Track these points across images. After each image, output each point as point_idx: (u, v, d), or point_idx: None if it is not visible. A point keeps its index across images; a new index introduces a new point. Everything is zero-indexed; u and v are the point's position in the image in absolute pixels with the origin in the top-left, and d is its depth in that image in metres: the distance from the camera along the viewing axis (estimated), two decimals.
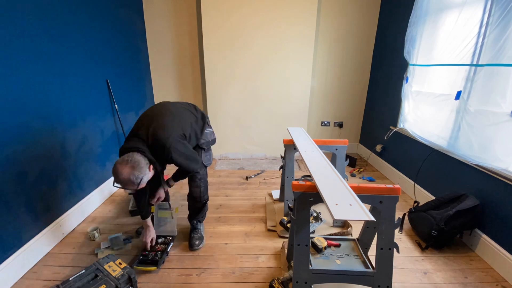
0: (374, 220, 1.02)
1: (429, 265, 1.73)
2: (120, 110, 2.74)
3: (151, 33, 3.35)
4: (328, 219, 2.17)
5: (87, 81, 2.23)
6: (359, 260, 1.42)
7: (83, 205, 2.19)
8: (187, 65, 3.49)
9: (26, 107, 1.65)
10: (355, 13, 3.29)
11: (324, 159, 1.52)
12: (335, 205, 1.03)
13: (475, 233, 1.85)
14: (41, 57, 1.76)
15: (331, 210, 1.00)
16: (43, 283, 1.55)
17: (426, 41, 2.36)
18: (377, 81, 3.37)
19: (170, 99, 3.64)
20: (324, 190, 1.13)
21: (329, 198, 1.08)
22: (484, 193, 1.80)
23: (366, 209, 1.03)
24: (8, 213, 1.54)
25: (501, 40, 1.60)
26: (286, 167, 2.12)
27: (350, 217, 0.97)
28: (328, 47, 3.42)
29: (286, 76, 3.28)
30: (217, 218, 2.23)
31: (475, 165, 1.84)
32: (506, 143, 1.62)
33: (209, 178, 2.99)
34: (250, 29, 3.11)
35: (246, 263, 1.73)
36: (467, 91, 1.88)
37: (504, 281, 1.60)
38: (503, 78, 1.62)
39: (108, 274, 1.41)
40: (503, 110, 1.62)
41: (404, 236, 2.02)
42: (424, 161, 2.36)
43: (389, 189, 1.21)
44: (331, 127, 3.79)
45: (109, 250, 1.81)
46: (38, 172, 1.75)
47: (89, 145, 2.28)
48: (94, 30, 2.31)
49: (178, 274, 1.63)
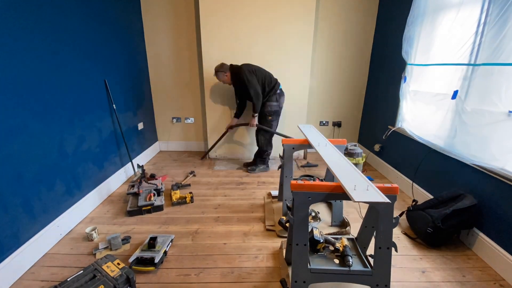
0: (390, 202, 1.12)
1: (427, 264, 1.74)
2: (118, 110, 2.73)
3: (149, 32, 3.35)
4: (327, 218, 2.17)
5: (84, 80, 2.22)
6: (358, 259, 1.42)
7: (81, 206, 2.18)
8: (185, 64, 3.49)
9: (23, 107, 1.64)
10: (353, 13, 3.30)
11: (336, 151, 1.63)
12: (354, 189, 1.12)
13: (473, 232, 1.85)
14: (39, 56, 1.75)
15: (350, 193, 1.09)
16: (41, 284, 1.55)
17: (424, 41, 2.36)
18: (375, 81, 3.38)
19: (169, 98, 3.64)
20: (341, 177, 1.23)
21: (347, 183, 1.17)
22: (481, 192, 1.81)
23: (381, 192, 1.12)
24: (5, 214, 1.53)
25: (498, 39, 1.61)
26: (284, 167, 2.12)
27: (368, 199, 1.07)
28: (326, 47, 3.42)
29: (285, 76, 3.28)
30: (216, 218, 2.23)
31: (473, 164, 1.84)
32: (502, 142, 1.63)
33: (207, 178, 3.00)
34: (249, 29, 3.11)
35: (244, 263, 1.73)
36: (464, 90, 1.89)
37: (502, 279, 1.61)
38: (500, 77, 1.63)
39: (107, 275, 1.41)
40: (499, 109, 1.63)
41: (402, 235, 2.03)
42: (422, 160, 2.37)
43: (387, 188, 1.22)
44: (330, 126, 3.79)
45: (107, 250, 1.81)
46: (35, 172, 1.74)
47: (87, 145, 2.27)
48: (91, 29, 2.30)
49: (177, 274, 1.63)
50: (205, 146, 3.86)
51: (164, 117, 3.75)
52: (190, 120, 3.76)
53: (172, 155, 3.75)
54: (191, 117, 3.75)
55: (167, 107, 3.69)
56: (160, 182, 2.61)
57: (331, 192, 1.24)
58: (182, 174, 3.10)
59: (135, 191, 2.40)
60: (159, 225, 2.12)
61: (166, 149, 3.91)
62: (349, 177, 1.25)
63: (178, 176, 3.05)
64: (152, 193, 2.38)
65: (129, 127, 3.02)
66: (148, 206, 2.26)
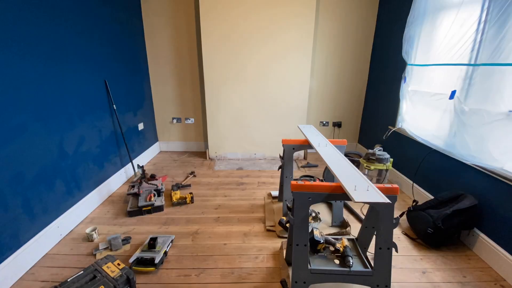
0: (390, 203, 1.12)
1: (427, 264, 1.74)
2: (118, 110, 2.73)
3: (149, 33, 3.35)
4: (327, 219, 2.17)
5: (84, 81, 2.22)
6: (358, 260, 1.42)
7: (81, 206, 2.18)
8: (185, 65, 3.49)
9: (23, 107, 1.64)
10: (353, 13, 3.30)
11: (337, 151, 1.62)
12: (354, 190, 1.12)
13: (473, 232, 1.85)
14: (39, 57, 1.75)
15: (351, 194, 1.08)
16: (41, 285, 1.55)
17: (424, 41, 2.36)
18: (375, 81, 3.37)
19: (170, 98, 3.64)
20: (341, 177, 1.23)
21: (347, 184, 1.17)
22: (482, 192, 1.81)
23: (381, 192, 1.12)
24: (6, 214, 1.53)
25: (498, 39, 1.61)
26: (285, 167, 2.12)
27: (368, 200, 1.07)
28: (326, 47, 3.42)
29: (285, 76, 3.28)
30: (216, 219, 2.23)
31: (473, 164, 1.84)
32: (501, 142, 1.63)
33: (208, 178, 3.00)
34: (249, 29, 3.11)
35: (245, 263, 1.73)
36: (464, 90, 1.89)
37: (503, 280, 1.61)
38: (499, 77, 1.63)
39: (107, 275, 1.41)
40: (499, 110, 1.63)
41: (402, 236, 2.02)
42: (422, 160, 2.37)
43: (388, 188, 1.22)
44: (330, 127, 3.79)
45: (107, 251, 1.81)
46: (35, 173, 1.74)
47: (87, 146, 2.27)
48: (91, 30, 2.30)
49: (177, 275, 1.63)
50: (205, 146, 3.86)
51: (164, 117, 3.75)
52: (190, 120, 3.76)
53: (172, 155, 3.75)
54: (191, 117, 3.75)
55: (167, 107, 3.70)
56: (160, 182, 2.61)
57: (331, 192, 1.24)
58: (182, 174, 3.10)
59: (135, 191, 2.39)
60: (159, 225, 2.12)
61: (166, 150, 3.91)
62: (349, 177, 1.25)
63: (178, 176, 3.04)
64: (152, 193, 2.38)
65: (129, 127, 3.02)
66: (148, 206, 2.26)
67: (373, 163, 2.48)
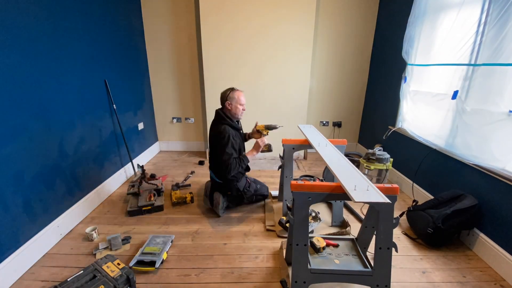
0: (390, 202, 1.11)
1: (427, 264, 1.73)
2: (118, 110, 2.73)
3: (149, 33, 3.35)
4: (327, 219, 2.17)
5: (84, 81, 2.22)
6: (358, 260, 1.42)
7: (81, 206, 2.18)
8: (185, 65, 3.49)
9: (23, 107, 1.64)
10: (353, 13, 3.30)
11: (336, 151, 1.62)
12: (354, 190, 1.12)
13: (473, 232, 1.85)
14: (38, 57, 1.75)
15: (350, 194, 1.08)
16: (41, 284, 1.55)
17: (425, 41, 2.36)
18: (375, 81, 3.37)
19: (169, 98, 3.63)
20: (341, 177, 1.23)
21: (347, 184, 1.16)
22: (482, 192, 1.81)
23: (381, 192, 1.12)
24: (6, 214, 1.53)
25: (499, 39, 1.60)
26: (285, 167, 2.12)
27: (368, 200, 1.07)
28: (327, 47, 3.42)
29: (285, 76, 3.28)
30: (216, 218, 2.22)
31: (473, 164, 1.84)
32: (503, 143, 1.63)
33: (208, 178, 2.97)
34: (249, 29, 3.10)
35: (244, 263, 1.73)
36: (464, 90, 1.89)
37: (503, 280, 1.61)
38: (500, 77, 1.62)
39: (107, 275, 1.41)
40: (500, 110, 1.62)
41: (402, 235, 2.02)
42: (423, 160, 2.36)
43: (388, 188, 1.21)
44: (330, 126, 3.79)
45: (107, 250, 1.81)
46: (35, 172, 1.74)
47: (87, 145, 2.27)
48: (91, 29, 2.30)
49: (177, 275, 1.63)
50: (205, 146, 3.86)
51: (164, 117, 3.75)
52: (190, 120, 3.76)
53: (172, 155, 3.75)
54: (191, 117, 3.75)
55: (167, 107, 3.70)
56: (160, 182, 2.61)
57: (331, 192, 1.24)
58: (182, 174, 3.10)
59: (135, 191, 2.39)
60: (159, 225, 2.12)
61: (166, 149, 3.91)
62: (349, 177, 1.25)
63: (178, 176, 3.04)
64: (152, 193, 2.38)
65: (129, 127, 3.02)
66: (148, 206, 2.26)
67: (373, 163, 2.48)
